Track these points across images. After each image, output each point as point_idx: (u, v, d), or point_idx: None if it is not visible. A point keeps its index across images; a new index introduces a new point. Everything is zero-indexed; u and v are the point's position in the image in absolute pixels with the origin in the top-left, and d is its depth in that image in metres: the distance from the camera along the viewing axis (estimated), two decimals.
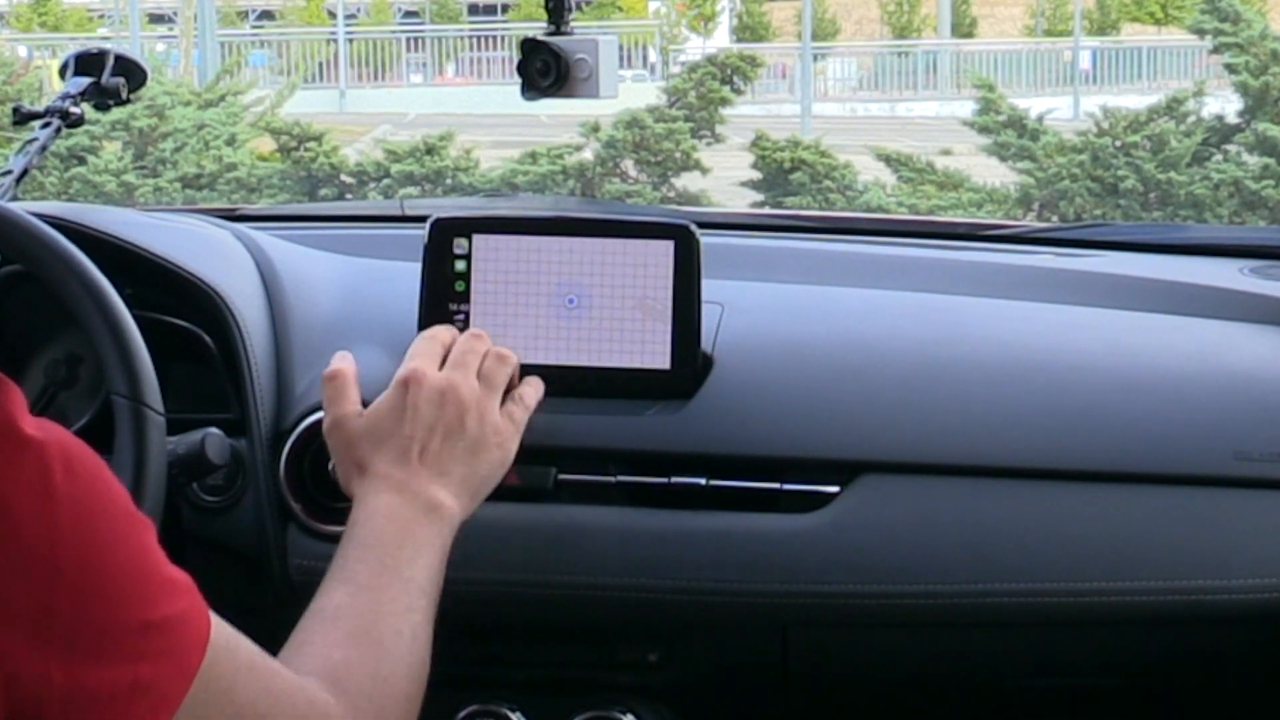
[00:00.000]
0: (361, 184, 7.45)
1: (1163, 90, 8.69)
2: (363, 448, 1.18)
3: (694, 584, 1.32)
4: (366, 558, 1.10)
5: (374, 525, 1.13)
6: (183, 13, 18.68)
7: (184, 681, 0.84)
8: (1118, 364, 1.42)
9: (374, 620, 1.06)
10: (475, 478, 1.18)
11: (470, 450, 1.18)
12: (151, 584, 0.84)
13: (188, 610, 0.86)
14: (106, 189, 7.25)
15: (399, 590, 1.08)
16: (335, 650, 1.02)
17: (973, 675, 1.44)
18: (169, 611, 0.84)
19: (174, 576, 0.86)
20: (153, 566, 0.85)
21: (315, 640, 1.03)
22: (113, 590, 0.81)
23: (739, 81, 7.80)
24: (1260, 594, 1.31)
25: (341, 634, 1.04)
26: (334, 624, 1.05)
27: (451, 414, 1.18)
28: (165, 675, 0.83)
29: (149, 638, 0.82)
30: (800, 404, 1.36)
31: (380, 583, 1.09)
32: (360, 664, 1.02)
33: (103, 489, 0.83)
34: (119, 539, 0.82)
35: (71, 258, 1.24)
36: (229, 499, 1.37)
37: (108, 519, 0.82)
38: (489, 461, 1.19)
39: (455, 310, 1.37)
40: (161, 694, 0.83)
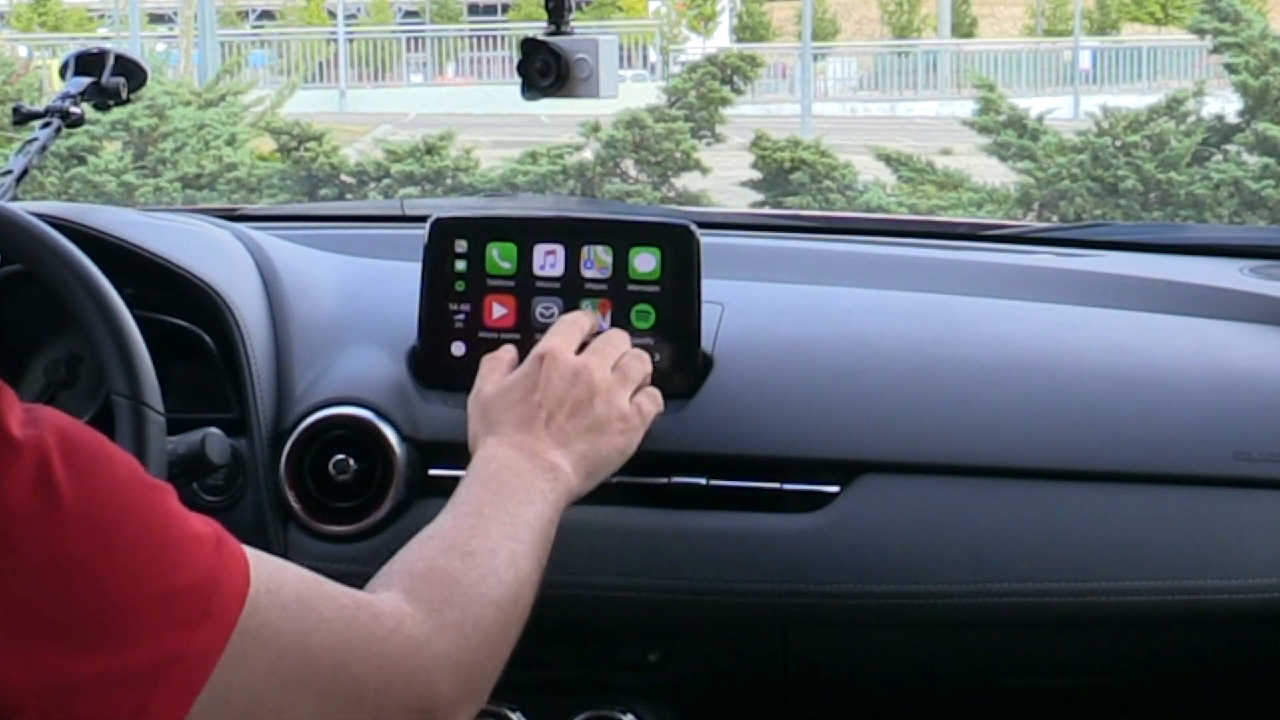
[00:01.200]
0: (361, 184, 7.46)
1: (1163, 90, 8.69)
2: (492, 411, 1.22)
3: (694, 584, 1.32)
4: (476, 492, 1.12)
5: (489, 469, 1.15)
6: (183, 13, 18.68)
7: (219, 642, 0.82)
8: (1118, 364, 1.42)
9: (469, 538, 1.06)
10: (595, 455, 1.21)
11: (594, 429, 1.21)
12: (172, 551, 0.82)
13: (217, 567, 0.84)
14: (106, 189, 7.25)
15: (503, 520, 1.09)
16: (420, 562, 1.02)
17: (973, 675, 1.44)
18: (196, 574, 0.83)
19: (198, 533, 0.84)
20: (172, 531, 0.83)
21: (404, 557, 1.03)
22: (131, 569, 0.80)
23: (739, 81, 7.81)
24: (1260, 594, 1.31)
25: (432, 549, 1.04)
26: (427, 542, 1.05)
27: (582, 392, 1.21)
28: (199, 639, 0.82)
29: (177, 606, 0.81)
30: (800, 404, 1.36)
31: (485, 512, 1.09)
32: (445, 572, 1.01)
33: (106, 467, 0.82)
34: (129, 513, 0.81)
35: (71, 258, 1.24)
36: (229, 499, 1.37)
37: (116, 496, 0.81)
38: (611, 445, 1.22)
39: (455, 310, 1.37)
40: (196, 659, 0.81)
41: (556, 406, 1.20)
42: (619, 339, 1.29)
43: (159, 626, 0.80)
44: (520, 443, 1.18)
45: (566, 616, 1.38)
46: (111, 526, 0.80)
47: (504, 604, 1.03)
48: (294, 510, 1.35)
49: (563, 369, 1.22)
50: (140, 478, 0.84)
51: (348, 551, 1.34)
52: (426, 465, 1.36)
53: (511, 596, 1.04)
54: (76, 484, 0.79)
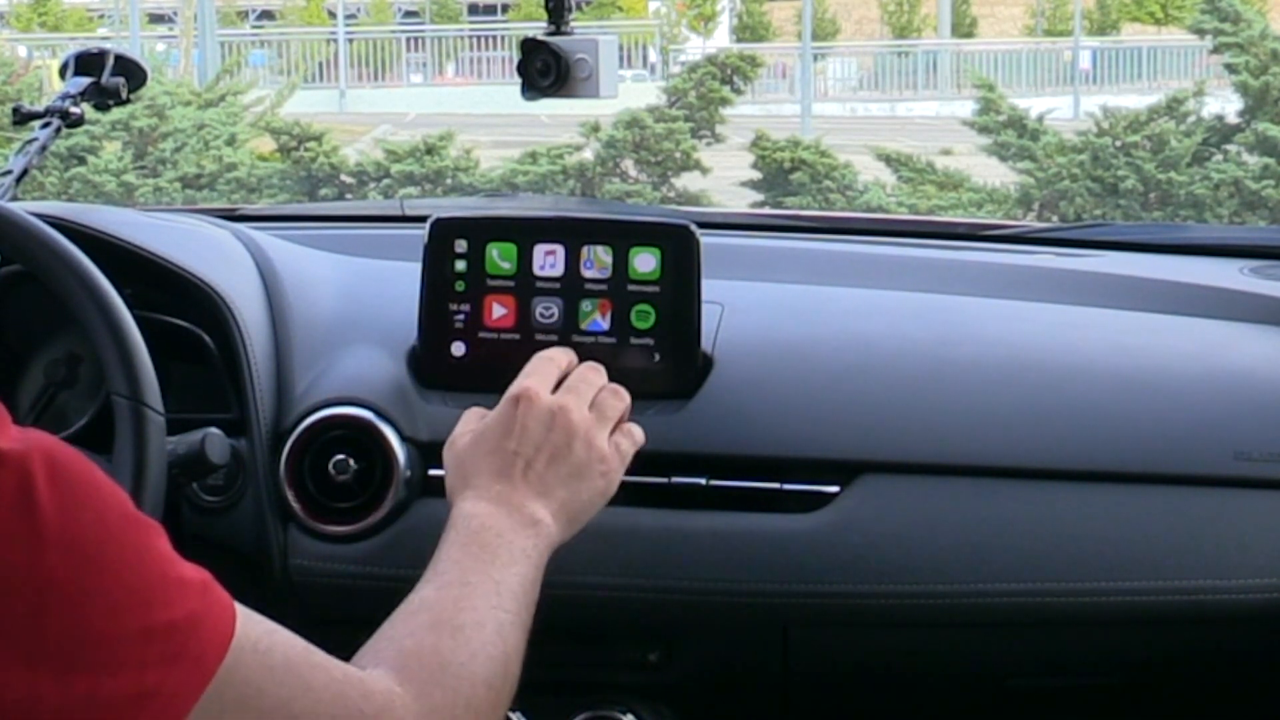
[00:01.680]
0: (361, 184, 7.46)
1: (1163, 90, 8.69)
2: (467, 461, 1.17)
3: (694, 584, 1.32)
4: (458, 557, 1.09)
5: (469, 528, 1.11)
6: (183, 13, 18.69)
7: (197, 685, 0.81)
8: (1118, 364, 1.42)
9: (455, 611, 1.03)
10: (576, 503, 1.17)
11: (574, 475, 1.17)
12: (154, 588, 0.81)
13: (201, 612, 0.83)
14: (106, 189, 7.25)
15: (488, 589, 1.06)
16: (409, 639, 1.00)
17: (973, 675, 1.44)
18: (177, 615, 0.81)
19: (185, 576, 0.83)
20: (156, 569, 0.82)
21: (391, 631, 1.01)
22: (109, 599, 0.78)
23: (739, 81, 7.80)
24: (1260, 594, 1.31)
25: (419, 624, 1.02)
26: (414, 616, 1.03)
27: (559, 437, 1.17)
28: (174, 680, 0.80)
29: (154, 644, 0.80)
30: (800, 404, 1.36)
31: (469, 580, 1.06)
32: (434, 651, 0.99)
33: (92, 494, 0.80)
34: (113, 545, 0.80)
35: (71, 258, 1.24)
36: (229, 499, 1.37)
37: (99, 525, 0.79)
38: (591, 489, 1.18)
39: (455, 310, 1.37)
40: (170, 699, 0.80)
41: (534, 453, 1.16)
42: (594, 374, 1.25)
43: (133, 661, 0.79)
44: (498, 495, 1.14)
45: (566, 616, 1.38)
46: (91, 553, 0.78)
47: (493, 683, 1.01)
48: (294, 510, 1.35)
49: (539, 412, 1.17)
50: (128, 511, 0.82)
51: (348, 551, 1.34)
52: (426, 465, 1.36)
53: (500, 673, 1.02)
54: (59, 505, 0.77)
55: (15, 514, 0.76)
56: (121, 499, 0.83)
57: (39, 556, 0.76)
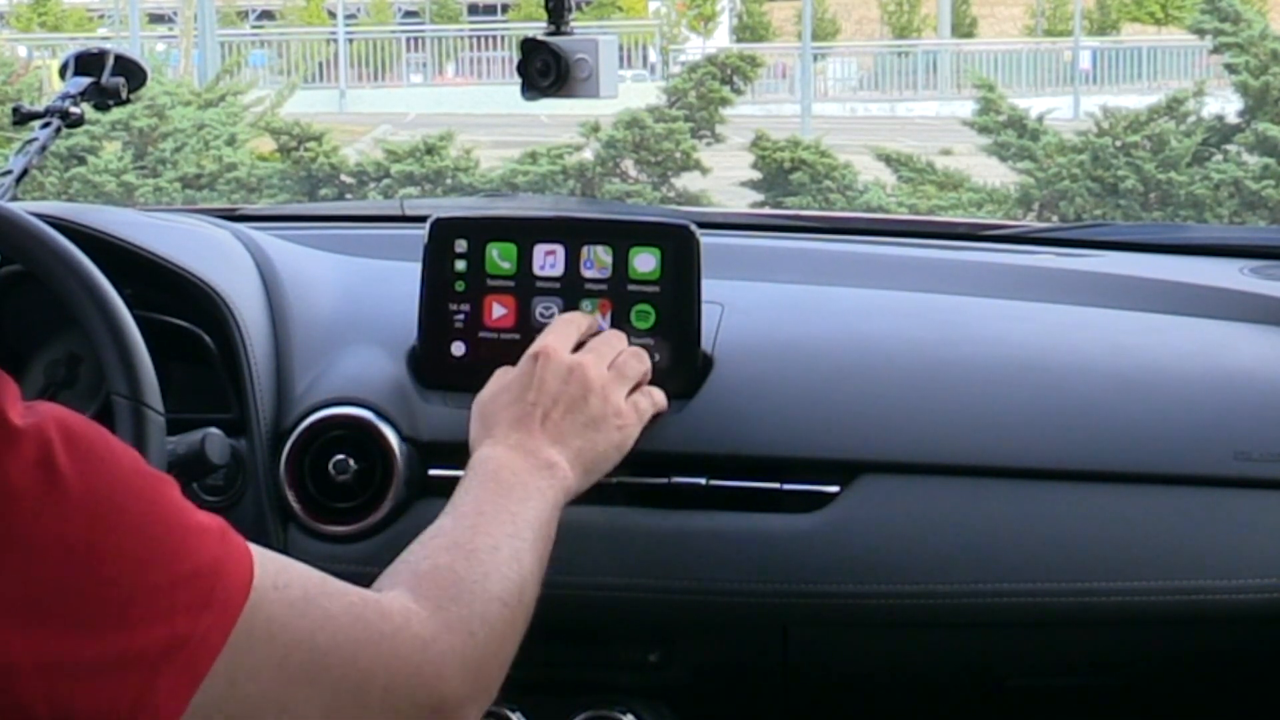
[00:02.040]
0: (361, 184, 7.46)
1: (1163, 90, 8.69)
2: (487, 413, 1.22)
3: (694, 584, 1.32)
4: (475, 492, 1.13)
5: (486, 469, 1.15)
6: (183, 13, 18.69)
7: (223, 629, 0.83)
8: (1118, 364, 1.41)
9: (471, 536, 1.06)
10: (592, 452, 1.21)
11: (590, 425, 1.21)
12: (174, 538, 0.83)
13: (221, 557, 0.85)
14: (106, 189, 7.25)
15: (504, 519, 1.10)
16: (424, 561, 1.03)
17: (973, 675, 1.44)
18: (199, 562, 0.83)
19: (202, 523, 0.85)
20: (175, 519, 0.84)
21: (407, 557, 1.04)
22: (133, 554, 0.80)
23: (739, 81, 7.80)
24: (1261, 594, 1.31)
25: (435, 548, 1.05)
26: (430, 542, 1.06)
27: (576, 390, 1.22)
28: (202, 626, 0.82)
29: (180, 592, 0.82)
30: (800, 404, 1.36)
31: (485, 510, 1.10)
32: (449, 569, 1.02)
33: (107, 455, 0.82)
34: (132, 500, 0.82)
35: (71, 258, 1.24)
36: (229, 499, 1.37)
37: (118, 483, 0.82)
38: (607, 440, 1.22)
39: (455, 310, 1.37)
40: (200, 644, 0.82)
41: (551, 405, 1.21)
42: (616, 338, 1.30)
43: (162, 611, 0.81)
44: (516, 442, 1.18)
45: (566, 616, 1.38)
46: (114, 511, 0.81)
47: (509, 600, 1.04)
48: (294, 510, 1.35)
49: (557, 366, 1.22)
50: (142, 467, 0.85)
51: (348, 551, 1.34)
52: (426, 465, 1.36)
53: (515, 592, 1.05)
54: (78, 469, 0.79)
55: (39, 482, 0.78)
56: (134, 456, 0.85)
57: (64, 518, 0.78)
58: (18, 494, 0.78)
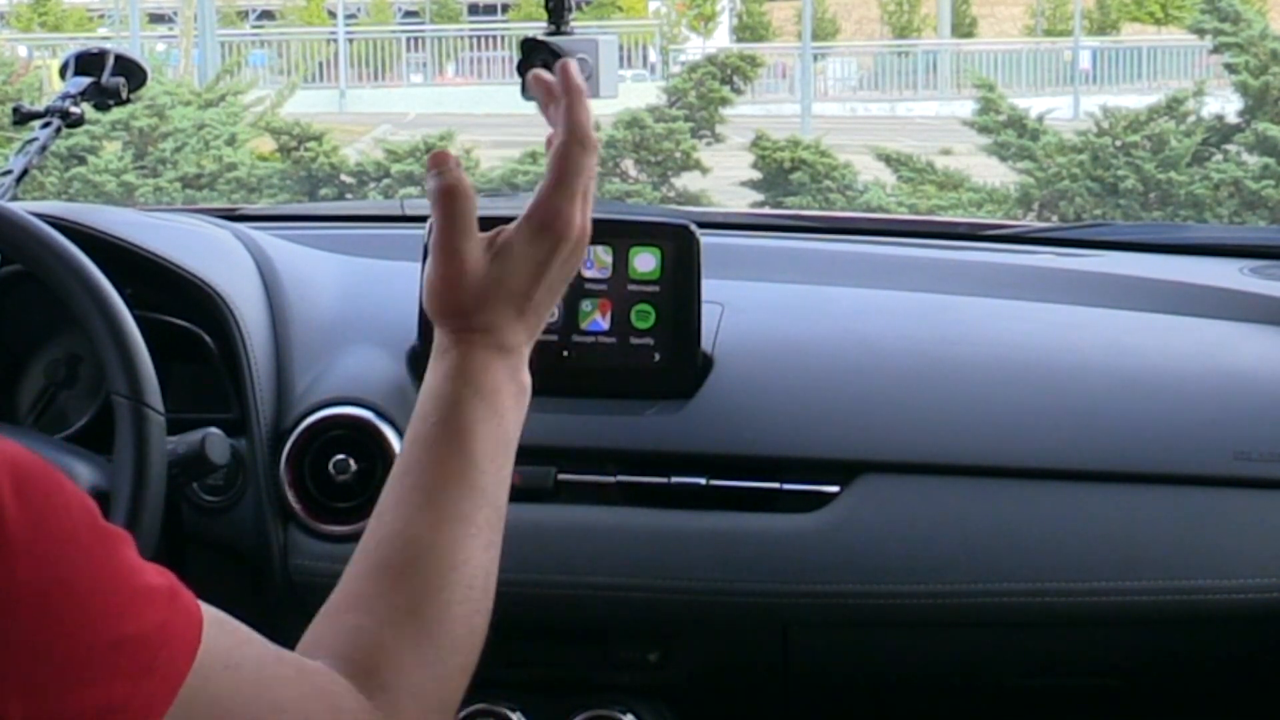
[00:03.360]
0: (361, 184, 7.46)
1: (1163, 90, 8.68)
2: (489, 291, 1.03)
3: (694, 584, 1.32)
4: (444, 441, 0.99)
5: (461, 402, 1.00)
6: (183, 13, 18.67)
7: (165, 697, 0.79)
8: (1118, 364, 1.42)
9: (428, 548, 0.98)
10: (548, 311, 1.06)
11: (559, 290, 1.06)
12: (122, 599, 0.78)
13: (167, 622, 0.80)
14: (106, 189, 7.25)
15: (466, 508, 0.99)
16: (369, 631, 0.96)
17: (973, 675, 1.44)
18: (145, 625, 0.79)
19: (151, 585, 0.81)
20: (123, 579, 0.79)
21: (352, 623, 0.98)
22: (78, 611, 0.76)
23: (739, 81, 7.80)
24: (1260, 594, 1.31)
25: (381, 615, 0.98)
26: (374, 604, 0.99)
27: (571, 268, 1.05)
28: (143, 692, 0.78)
29: (122, 655, 0.77)
30: (800, 404, 1.36)
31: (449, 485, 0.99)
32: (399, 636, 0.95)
33: (59, 505, 0.77)
34: (81, 556, 0.77)
35: (71, 258, 1.24)
36: (229, 499, 1.37)
37: (67, 536, 0.77)
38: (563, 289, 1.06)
39: None
40: (139, 712, 0.78)
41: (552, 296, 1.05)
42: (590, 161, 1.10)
43: (102, 674, 0.77)
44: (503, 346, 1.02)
45: (567, 616, 1.38)
46: (59, 563, 0.76)
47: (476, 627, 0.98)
48: (294, 510, 1.35)
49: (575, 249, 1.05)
50: (95, 521, 0.80)
51: (348, 551, 1.33)
52: None
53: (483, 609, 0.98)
54: (25, 515, 0.75)
55: None
56: (89, 508, 0.80)
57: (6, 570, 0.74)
58: None
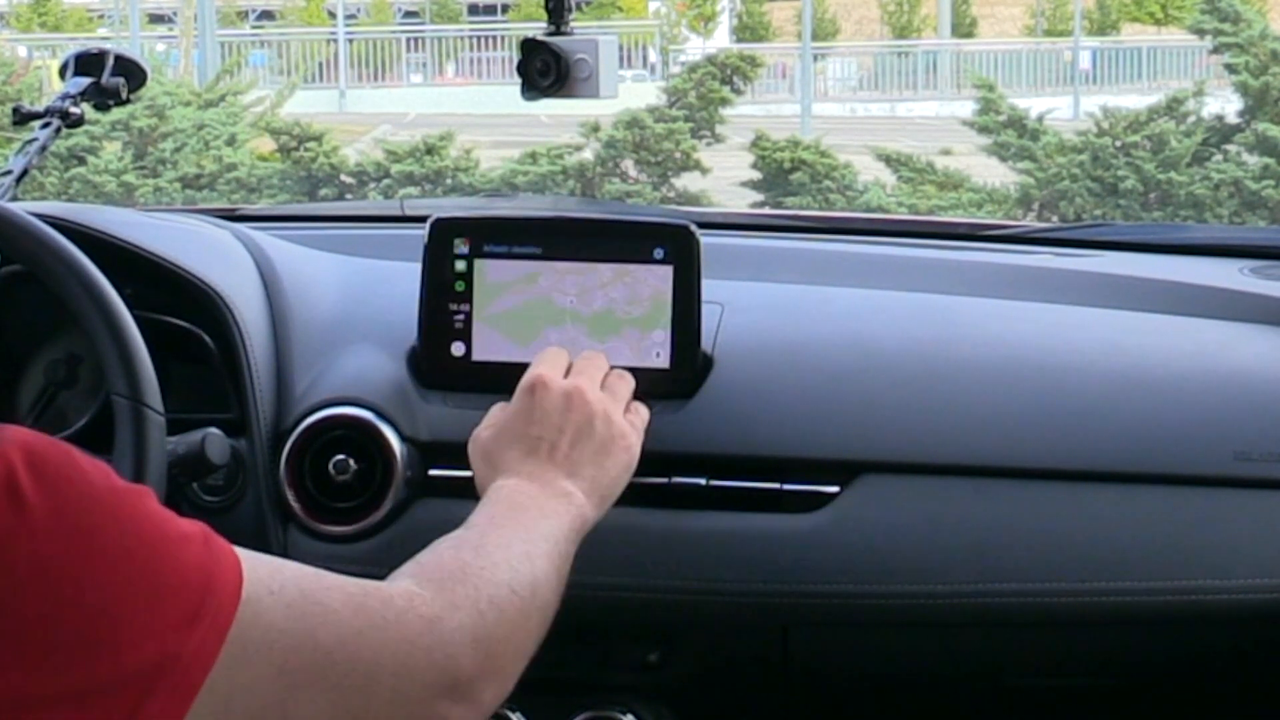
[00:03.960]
0: (361, 184, 7.45)
1: (1163, 90, 8.68)
2: (493, 453, 1.18)
3: (694, 584, 1.32)
4: (489, 512, 1.10)
5: (500, 495, 1.12)
6: (183, 13, 18.68)
7: (215, 642, 0.80)
8: (1118, 364, 1.41)
9: (481, 538, 1.04)
10: (605, 478, 1.18)
11: (599, 452, 1.18)
12: (155, 552, 0.80)
13: (207, 564, 0.82)
14: (106, 189, 7.25)
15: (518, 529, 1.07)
16: (428, 557, 1.01)
17: (973, 675, 1.44)
18: (184, 573, 0.80)
19: (184, 531, 0.83)
20: (154, 532, 0.81)
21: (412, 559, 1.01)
22: (113, 575, 0.78)
23: (739, 81, 7.80)
24: (1260, 594, 1.31)
25: (441, 547, 1.03)
26: (437, 544, 1.03)
27: (579, 416, 1.19)
28: (194, 642, 0.79)
29: (166, 608, 0.79)
30: (800, 404, 1.36)
31: (499, 520, 1.08)
32: (454, 558, 1.00)
33: (75, 474, 0.79)
34: (107, 519, 0.79)
35: (71, 258, 1.24)
36: (229, 499, 1.37)
37: (90, 503, 0.79)
38: (617, 464, 1.19)
39: (455, 310, 1.37)
40: (191, 661, 0.79)
41: (558, 436, 1.18)
42: (599, 360, 1.27)
43: (148, 630, 0.78)
44: (530, 473, 1.15)
45: (567, 616, 1.38)
46: (88, 533, 0.78)
47: (519, 589, 1.01)
48: (294, 510, 1.35)
49: (555, 395, 1.19)
50: (113, 482, 0.81)
51: (348, 552, 1.34)
52: (427, 465, 1.36)
53: (528, 585, 1.02)
54: (44, 493, 0.77)
55: (7, 514, 0.75)
56: (104, 471, 0.82)
57: (34, 546, 0.76)
58: None
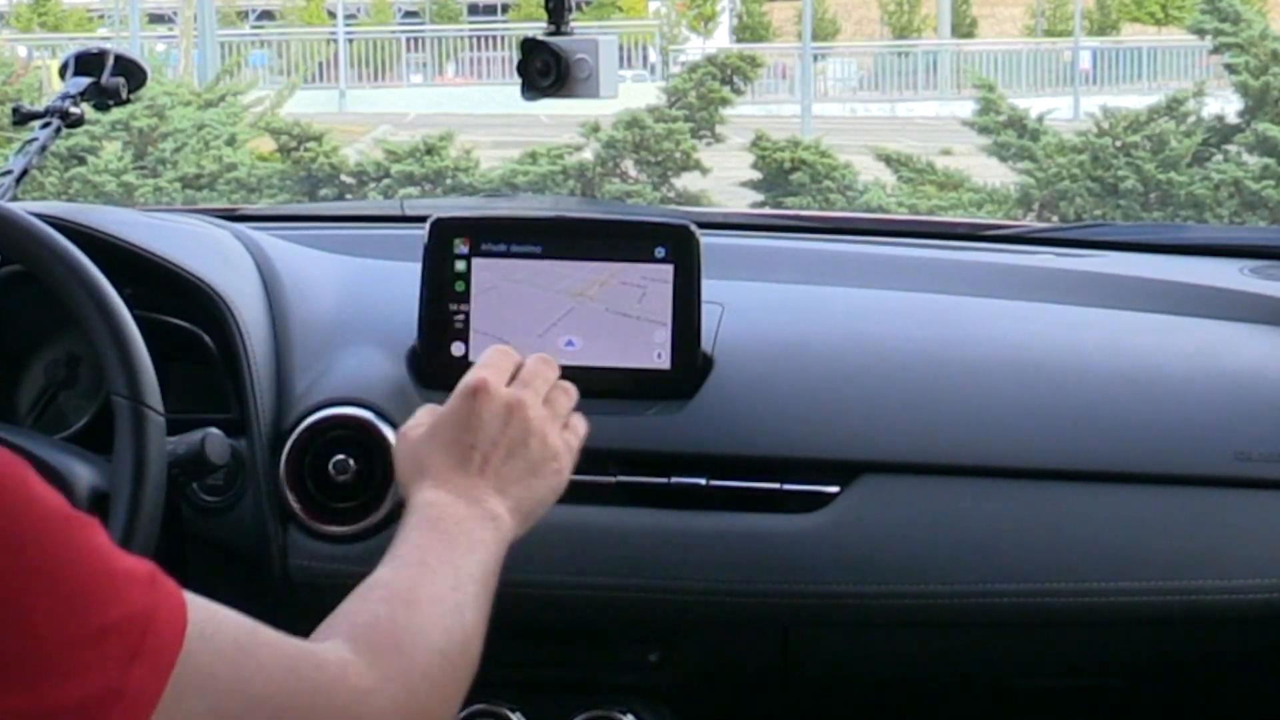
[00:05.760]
0: (361, 184, 7.45)
1: (1163, 90, 8.68)
2: (423, 451, 1.15)
3: (694, 584, 1.32)
4: (417, 540, 1.07)
5: (427, 515, 1.09)
6: (183, 13, 18.67)
7: (158, 679, 0.79)
8: (1118, 364, 1.42)
9: (411, 589, 1.02)
10: (531, 499, 1.15)
11: (530, 472, 1.15)
12: (102, 585, 0.79)
13: (153, 603, 0.81)
14: (106, 189, 7.25)
15: (446, 571, 1.04)
16: (363, 612, 0.98)
17: (973, 675, 1.44)
18: (128, 609, 0.79)
19: (130, 569, 0.81)
20: (102, 565, 0.79)
21: (345, 608, 0.99)
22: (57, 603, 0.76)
23: (739, 81, 7.79)
24: (1260, 594, 1.31)
25: (374, 599, 1.00)
26: (369, 593, 1.01)
27: (516, 432, 1.15)
28: (138, 677, 0.78)
29: (109, 642, 0.78)
30: (800, 404, 1.36)
31: (427, 561, 1.05)
32: (388, 621, 0.97)
33: (27, 497, 0.77)
34: (54, 547, 0.77)
35: (71, 258, 1.24)
36: (229, 499, 1.37)
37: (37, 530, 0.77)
38: (546, 485, 1.16)
39: (455, 310, 1.37)
40: (136, 697, 0.78)
41: (491, 448, 1.13)
42: (548, 369, 1.21)
43: (91, 663, 0.77)
44: (457, 487, 1.11)
45: (567, 616, 1.38)
46: (33, 557, 0.76)
47: (450, 652, 0.99)
48: (293, 510, 1.35)
49: (496, 405, 1.14)
50: (65, 511, 0.80)
51: (347, 552, 1.35)
52: None
53: (459, 645, 1.00)
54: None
55: None
56: (57, 499, 0.80)
57: None
58: None
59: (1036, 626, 1.35)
